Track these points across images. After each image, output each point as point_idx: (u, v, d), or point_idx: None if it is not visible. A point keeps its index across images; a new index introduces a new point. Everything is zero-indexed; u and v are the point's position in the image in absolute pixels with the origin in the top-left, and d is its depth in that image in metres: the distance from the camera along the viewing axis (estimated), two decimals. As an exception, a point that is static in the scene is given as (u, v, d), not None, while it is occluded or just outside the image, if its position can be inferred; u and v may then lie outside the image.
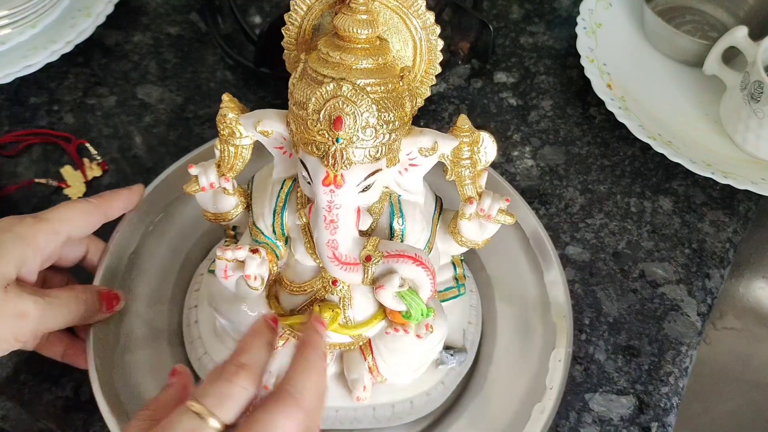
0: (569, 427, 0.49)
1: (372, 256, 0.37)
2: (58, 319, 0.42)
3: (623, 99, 0.65)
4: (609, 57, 0.68)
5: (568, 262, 0.57)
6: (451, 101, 0.68)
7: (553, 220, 0.60)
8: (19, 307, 0.39)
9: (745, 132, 0.62)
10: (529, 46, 0.73)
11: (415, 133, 0.38)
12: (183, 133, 0.64)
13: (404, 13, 0.37)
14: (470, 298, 0.50)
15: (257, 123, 0.38)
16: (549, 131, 0.66)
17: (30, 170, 0.61)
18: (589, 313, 0.54)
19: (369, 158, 0.35)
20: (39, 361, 0.50)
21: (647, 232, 0.59)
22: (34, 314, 0.39)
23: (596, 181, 0.62)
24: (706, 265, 0.57)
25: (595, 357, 0.52)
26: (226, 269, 0.40)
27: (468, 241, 0.43)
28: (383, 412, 0.45)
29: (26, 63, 0.63)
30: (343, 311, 0.41)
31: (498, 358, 0.49)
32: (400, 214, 0.40)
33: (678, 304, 0.55)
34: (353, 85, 0.33)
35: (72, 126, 0.64)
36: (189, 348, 0.49)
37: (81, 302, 0.43)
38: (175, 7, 0.75)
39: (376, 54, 0.35)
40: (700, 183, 0.62)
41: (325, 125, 0.33)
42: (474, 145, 0.39)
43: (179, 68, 0.70)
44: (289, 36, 0.39)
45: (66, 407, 0.48)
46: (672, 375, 0.52)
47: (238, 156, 0.41)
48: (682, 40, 0.67)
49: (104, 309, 0.45)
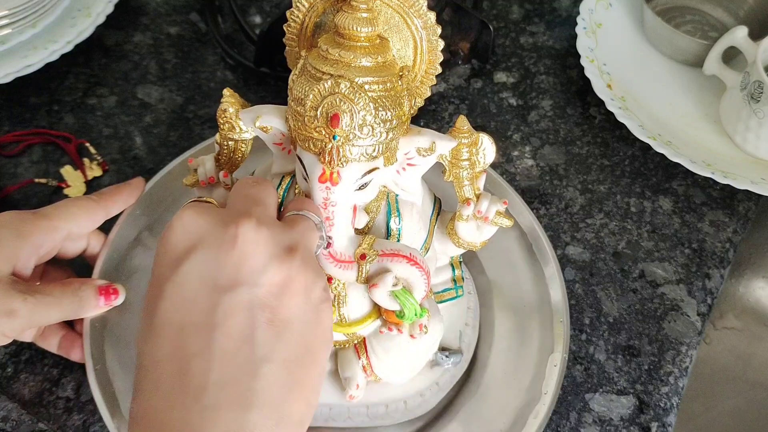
0: (569, 428, 0.49)
1: (367, 254, 0.37)
2: (49, 315, 0.42)
3: (623, 99, 0.65)
4: (609, 57, 0.68)
5: (568, 262, 0.57)
6: (451, 101, 0.68)
7: (553, 220, 0.60)
8: (6, 306, 0.39)
9: (745, 132, 0.61)
10: (529, 46, 0.73)
11: (413, 132, 0.38)
12: (183, 133, 0.64)
13: (405, 13, 0.37)
14: (468, 300, 0.50)
15: (256, 118, 0.38)
16: (549, 131, 0.66)
17: (30, 170, 0.61)
18: (589, 313, 0.54)
19: (366, 156, 0.35)
20: (39, 361, 0.50)
21: (647, 232, 0.59)
22: (23, 312, 0.39)
23: (596, 181, 0.62)
24: (706, 265, 0.57)
25: (596, 357, 0.52)
26: None
27: (465, 242, 0.43)
28: (376, 411, 0.45)
29: (26, 63, 0.63)
30: (338, 309, 0.41)
31: (494, 361, 0.49)
32: (397, 214, 0.40)
33: (678, 304, 0.55)
34: (351, 82, 0.33)
35: (72, 126, 0.64)
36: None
37: (75, 298, 0.43)
38: (175, 7, 0.75)
39: (375, 52, 0.35)
40: (700, 183, 0.62)
41: (322, 122, 0.33)
42: (473, 147, 0.39)
43: (179, 68, 0.70)
44: (291, 33, 0.39)
45: (66, 407, 0.48)
46: (672, 375, 0.52)
47: (238, 151, 0.41)
48: (682, 40, 0.67)
49: (101, 303, 0.45)
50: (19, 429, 0.47)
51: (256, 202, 0.34)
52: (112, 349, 0.47)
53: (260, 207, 0.34)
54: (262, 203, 0.35)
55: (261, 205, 0.34)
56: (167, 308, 0.31)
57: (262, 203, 0.35)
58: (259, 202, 0.34)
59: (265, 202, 0.35)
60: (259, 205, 0.34)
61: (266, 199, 0.35)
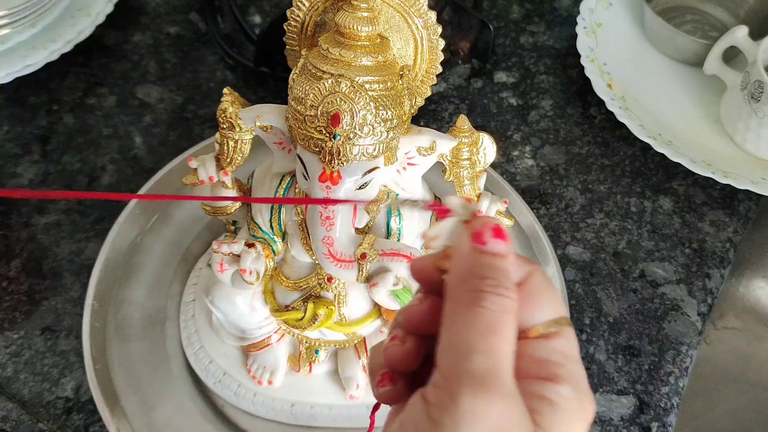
0: (569, 427, 0.49)
1: (367, 254, 0.37)
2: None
3: (623, 99, 0.65)
4: (609, 57, 0.68)
5: (568, 261, 0.57)
6: (451, 101, 0.68)
7: (553, 219, 0.59)
8: None
9: (746, 131, 0.61)
10: (529, 45, 0.73)
11: (413, 132, 0.38)
12: (183, 133, 0.64)
13: (406, 12, 0.37)
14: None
15: (257, 117, 0.38)
16: (549, 131, 0.66)
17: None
18: (589, 313, 0.54)
19: (366, 156, 0.35)
20: (39, 361, 0.50)
21: (647, 231, 0.59)
22: None
23: (596, 181, 0.62)
24: (707, 265, 0.57)
25: (596, 357, 0.52)
26: (222, 263, 0.40)
27: None
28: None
29: (26, 63, 0.63)
30: (338, 308, 0.41)
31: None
32: (398, 213, 0.40)
33: (678, 304, 0.55)
34: (352, 81, 0.33)
35: (72, 126, 0.64)
36: (185, 343, 0.49)
37: None
38: (174, 7, 0.75)
39: (376, 52, 0.35)
40: (701, 183, 0.62)
41: (323, 121, 0.33)
42: (473, 146, 0.39)
43: (179, 68, 0.70)
44: (291, 32, 0.39)
45: (66, 407, 0.48)
46: (672, 375, 0.51)
47: (238, 150, 0.41)
48: (682, 39, 0.67)
49: None
50: (19, 429, 0.47)
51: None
52: (112, 349, 0.47)
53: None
54: None
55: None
56: None
57: None
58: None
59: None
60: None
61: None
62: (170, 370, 0.48)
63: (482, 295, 0.22)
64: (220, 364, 0.47)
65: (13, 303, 0.53)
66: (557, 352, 0.24)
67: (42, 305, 0.53)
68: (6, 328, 0.52)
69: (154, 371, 0.48)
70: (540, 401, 0.22)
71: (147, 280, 0.52)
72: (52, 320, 0.52)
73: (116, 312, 0.49)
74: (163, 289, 0.52)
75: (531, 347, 0.24)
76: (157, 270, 0.52)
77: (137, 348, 0.48)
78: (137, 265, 0.52)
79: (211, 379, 0.47)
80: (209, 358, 0.47)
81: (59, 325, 0.52)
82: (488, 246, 0.23)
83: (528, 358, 0.23)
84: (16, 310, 0.53)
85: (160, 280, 0.52)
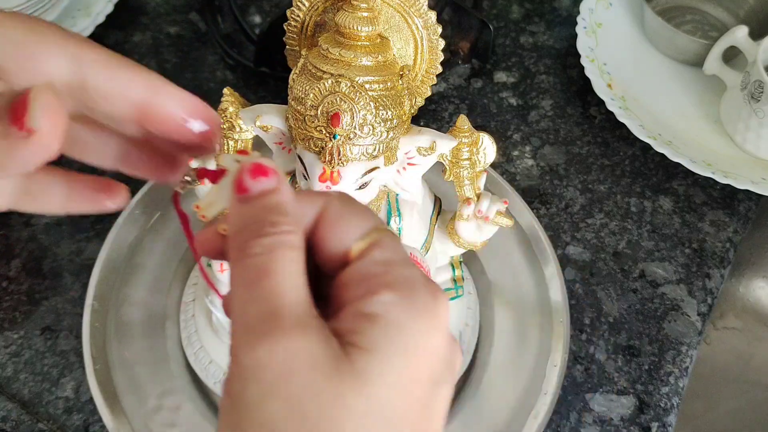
0: (570, 427, 0.49)
1: None
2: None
3: (623, 99, 0.65)
4: (609, 57, 0.68)
5: (568, 261, 0.57)
6: (451, 101, 0.68)
7: (553, 220, 0.59)
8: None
9: (746, 131, 0.61)
10: (529, 45, 0.73)
11: (413, 132, 0.38)
12: (183, 132, 0.64)
13: (406, 12, 0.37)
14: (468, 300, 0.50)
15: (257, 117, 0.38)
16: (549, 131, 0.66)
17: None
18: (589, 313, 0.54)
19: (366, 156, 0.35)
20: (39, 361, 0.50)
21: (647, 231, 0.59)
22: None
23: (596, 181, 0.62)
24: (707, 265, 0.57)
25: (596, 357, 0.52)
26: (222, 263, 0.40)
27: (465, 242, 0.43)
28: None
29: (26, 63, 0.63)
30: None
31: (494, 361, 0.49)
32: (398, 213, 0.40)
33: (678, 304, 0.55)
34: (352, 81, 0.33)
35: (72, 126, 0.64)
36: (185, 343, 0.49)
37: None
38: (175, 7, 0.75)
39: (376, 52, 0.35)
40: (701, 183, 0.62)
41: (323, 121, 0.33)
42: (473, 146, 0.39)
43: (179, 68, 0.70)
44: (291, 32, 0.39)
45: (66, 407, 0.48)
46: (672, 375, 0.51)
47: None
48: (682, 39, 0.67)
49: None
50: (19, 429, 0.47)
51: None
52: (112, 349, 0.47)
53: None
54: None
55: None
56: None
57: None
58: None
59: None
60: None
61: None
62: (170, 370, 0.48)
63: (247, 244, 0.21)
64: (220, 364, 0.48)
65: (13, 303, 0.53)
66: (375, 263, 0.22)
67: (42, 305, 0.53)
68: (6, 328, 0.52)
69: (154, 371, 0.48)
70: (359, 320, 0.21)
71: (147, 280, 0.52)
72: (52, 320, 0.52)
73: (116, 312, 0.49)
74: (163, 289, 0.52)
75: (352, 271, 0.22)
76: (157, 270, 0.52)
77: (137, 348, 0.48)
78: (137, 265, 0.52)
79: (211, 379, 0.47)
80: (209, 358, 0.47)
81: (59, 325, 0.52)
82: (251, 190, 0.22)
83: (353, 283, 0.22)
84: (16, 310, 0.53)
85: (160, 280, 0.52)
